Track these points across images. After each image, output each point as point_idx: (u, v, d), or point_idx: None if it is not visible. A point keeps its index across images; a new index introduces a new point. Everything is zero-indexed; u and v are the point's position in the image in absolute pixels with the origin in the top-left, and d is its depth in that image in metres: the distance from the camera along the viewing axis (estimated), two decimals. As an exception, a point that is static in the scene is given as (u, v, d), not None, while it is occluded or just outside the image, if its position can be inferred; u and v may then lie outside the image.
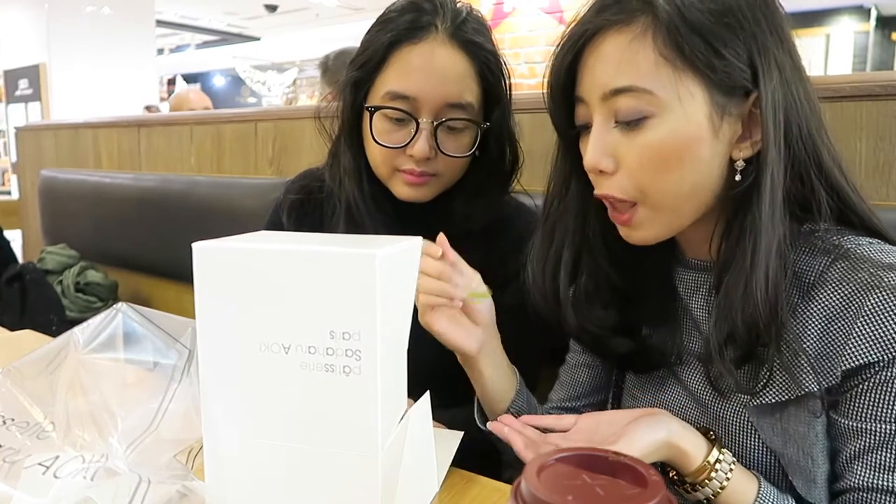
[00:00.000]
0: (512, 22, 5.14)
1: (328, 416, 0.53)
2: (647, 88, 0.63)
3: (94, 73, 6.14)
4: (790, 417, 0.66)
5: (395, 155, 0.93)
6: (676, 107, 0.63)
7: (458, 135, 0.94)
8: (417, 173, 0.93)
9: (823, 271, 0.65)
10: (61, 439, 0.55)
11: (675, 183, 0.66)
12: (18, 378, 0.57)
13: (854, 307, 0.62)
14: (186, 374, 0.57)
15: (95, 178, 2.27)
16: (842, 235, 0.66)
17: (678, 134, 0.64)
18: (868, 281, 0.62)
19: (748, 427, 0.69)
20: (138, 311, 0.58)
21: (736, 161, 0.66)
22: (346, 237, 0.59)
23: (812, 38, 7.54)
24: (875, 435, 0.62)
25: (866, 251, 0.64)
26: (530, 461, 0.39)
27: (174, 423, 0.55)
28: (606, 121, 0.67)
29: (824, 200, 0.65)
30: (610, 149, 0.67)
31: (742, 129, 0.66)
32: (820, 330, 0.64)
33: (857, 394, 0.63)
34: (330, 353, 0.52)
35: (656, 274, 0.78)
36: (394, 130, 0.93)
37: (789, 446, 0.66)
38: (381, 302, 0.51)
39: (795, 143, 0.64)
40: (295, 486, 0.55)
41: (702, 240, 0.71)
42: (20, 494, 0.52)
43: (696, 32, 0.62)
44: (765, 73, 0.63)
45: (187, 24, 9.72)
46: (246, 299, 0.53)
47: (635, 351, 0.78)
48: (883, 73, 1.03)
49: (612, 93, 0.65)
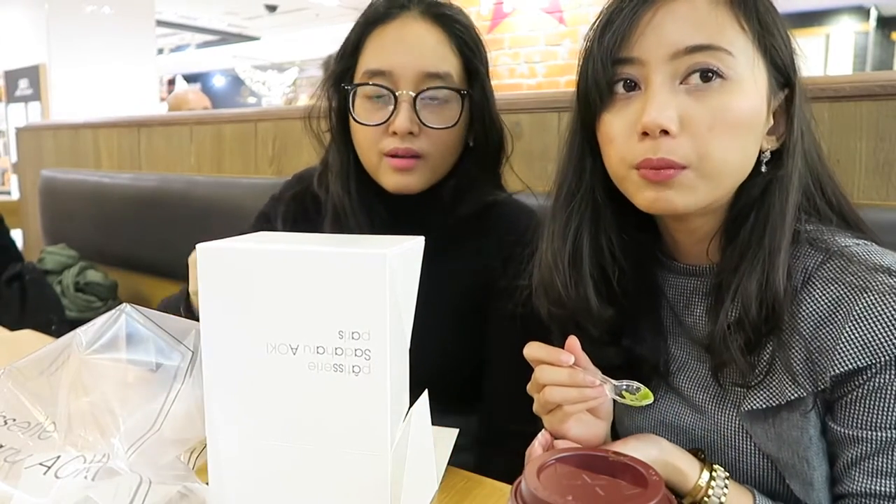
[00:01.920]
0: (512, 22, 5.13)
1: (337, 416, 0.53)
2: (727, 49, 0.63)
3: (94, 73, 6.14)
4: (782, 422, 0.66)
5: (379, 136, 0.91)
6: (749, 76, 0.64)
7: (439, 107, 0.91)
8: (402, 152, 0.90)
9: (813, 272, 0.65)
10: (62, 439, 0.55)
11: (735, 152, 0.64)
12: (20, 378, 0.57)
13: (843, 310, 0.62)
14: (189, 375, 0.57)
15: (95, 178, 2.27)
16: (832, 235, 0.66)
17: (749, 103, 0.64)
18: (857, 283, 0.62)
19: (743, 433, 0.69)
20: (142, 313, 0.58)
21: (763, 151, 0.67)
22: (350, 237, 0.59)
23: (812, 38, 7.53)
24: (872, 443, 0.62)
25: (855, 252, 0.64)
26: (530, 461, 0.39)
27: (176, 424, 0.55)
28: (671, 80, 0.64)
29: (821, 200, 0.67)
30: (676, 109, 0.63)
31: (773, 121, 0.67)
32: (809, 333, 0.64)
33: (851, 400, 0.62)
34: (339, 353, 0.52)
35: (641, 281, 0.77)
36: (375, 110, 0.91)
37: (784, 450, 0.66)
38: (391, 301, 0.51)
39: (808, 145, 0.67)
40: (301, 488, 0.55)
41: (698, 241, 0.71)
42: (21, 494, 0.52)
43: (769, 13, 0.65)
44: (797, 69, 0.66)
45: (187, 24, 9.72)
46: (252, 300, 0.53)
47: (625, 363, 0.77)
48: (883, 73, 1.03)
49: (688, 50, 0.62)
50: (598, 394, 0.66)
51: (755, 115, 0.64)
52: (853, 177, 0.98)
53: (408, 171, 0.91)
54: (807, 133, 0.67)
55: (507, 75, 5.00)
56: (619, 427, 0.84)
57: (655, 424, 0.77)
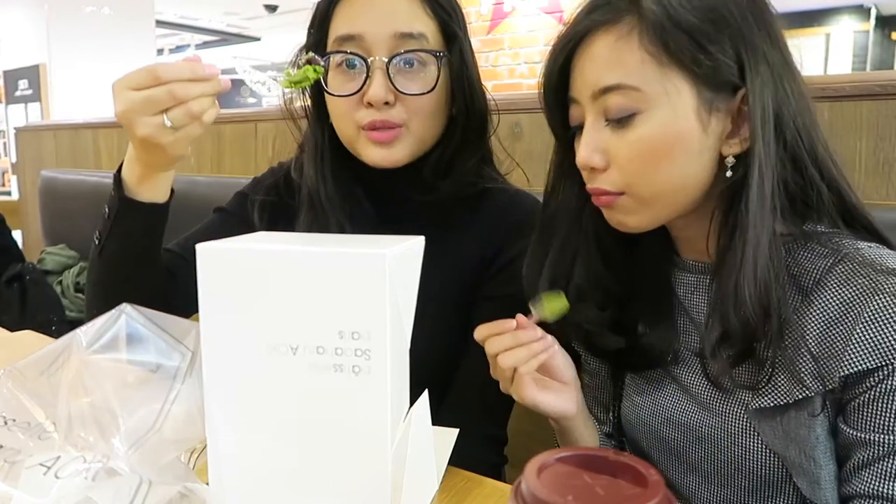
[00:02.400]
0: (512, 22, 5.13)
1: (337, 417, 0.53)
2: (634, 85, 0.65)
3: (94, 73, 6.14)
4: (790, 420, 0.66)
5: (354, 108, 0.85)
6: (664, 102, 0.65)
7: (415, 72, 0.85)
8: (380, 124, 0.84)
9: (823, 274, 0.65)
10: (63, 440, 0.55)
11: (664, 177, 0.67)
12: (20, 378, 0.57)
13: (854, 312, 0.62)
14: (189, 375, 0.57)
15: (95, 178, 2.27)
16: (843, 238, 0.66)
17: (667, 129, 0.65)
18: (868, 286, 0.62)
19: (750, 428, 0.69)
20: (142, 313, 0.58)
21: (726, 157, 0.67)
22: (350, 237, 0.59)
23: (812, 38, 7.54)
24: (883, 446, 0.62)
25: (867, 255, 0.64)
26: (530, 461, 0.39)
27: (176, 425, 0.55)
28: (598, 119, 0.68)
29: (824, 195, 0.66)
30: (601, 146, 0.68)
31: (731, 125, 0.66)
32: (819, 333, 0.64)
33: (863, 403, 0.63)
34: (339, 354, 0.52)
35: (652, 275, 0.78)
36: (348, 80, 0.85)
37: (791, 449, 0.66)
38: (391, 301, 0.51)
39: (791, 137, 0.65)
40: (302, 488, 0.55)
41: (698, 239, 0.72)
42: (21, 494, 0.52)
43: (680, 29, 0.63)
44: (752, 68, 0.64)
45: (187, 24, 9.71)
46: (252, 301, 0.53)
47: (629, 349, 0.78)
48: (883, 72, 1.03)
49: (602, 91, 0.66)
50: (544, 345, 0.70)
51: (679, 135, 0.65)
52: (853, 177, 0.98)
53: (389, 143, 0.86)
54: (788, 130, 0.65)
55: (507, 75, 5.01)
56: (626, 426, 0.84)
57: (662, 422, 0.77)
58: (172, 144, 0.74)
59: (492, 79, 5.06)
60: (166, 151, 0.76)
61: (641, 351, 0.78)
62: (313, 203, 0.92)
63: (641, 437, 0.81)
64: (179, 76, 0.70)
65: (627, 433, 0.84)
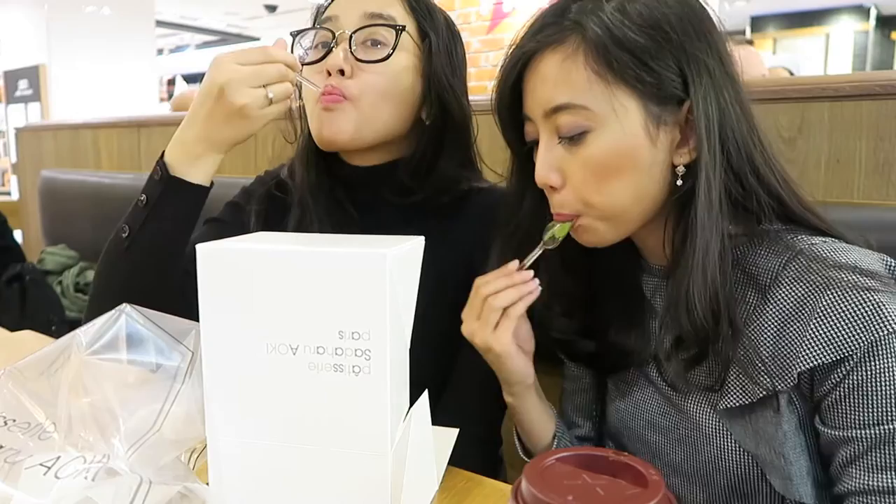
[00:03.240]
0: (511, 22, 5.13)
1: (337, 417, 0.53)
2: (582, 104, 0.66)
3: (94, 73, 6.15)
4: (758, 419, 0.67)
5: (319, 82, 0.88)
6: (612, 120, 0.66)
7: (376, 49, 0.89)
8: (330, 89, 0.86)
9: (779, 272, 0.66)
10: (63, 440, 0.55)
11: (618, 193, 0.68)
12: (20, 379, 0.57)
13: (808, 308, 0.63)
14: (189, 375, 0.57)
15: (95, 178, 2.27)
16: (796, 235, 0.67)
17: (617, 145, 0.66)
18: (820, 281, 0.63)
19: (722, 428, 0.70)
20: (141, 313, 0.58)
21: (677, 167, 0.68)
22: (350, 237, 0.59)
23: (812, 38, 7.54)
24: (863, 441, 0.62)
25: (820, 250, 0.65)
26: (530, 461, 0.39)
27: (176, 425, 0.55)
28: (551, 137, 0.69)
29: (763, 201, 0.67)
30: (556, 163, 0.69)
31: (680, 136, 0.68)
32: (776, 332, 0.65)
33: (834, 401, 0.63)
34: (339, 354, 0.52)
35: (620, 279, 0.79)
36: (317, 55, 0.90)
37: (761, 446, 0.67)
38: (391, 301, 0.51)
39: (731, 145, 0.66)
40: (302, 488, 0.55)
41: (658, 245, 0.73)
42: (21, 495, 0.52)
43: (623, 48, 0.65)
44: (695, 80, 0.65)
45: (187, 25, 9.72)
46: (252, 301, 0.53)
47: (600, 352, 0.80)
48: (883, 72, 1.03)
49: (552, 110, 0.68)
50: (532, 286, 0.73)
51: (629, 151, 0.66)
52: (853, 177, 0.98)
53: (333, 110, 0.87)
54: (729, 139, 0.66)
55: (507, 75, 5.01)
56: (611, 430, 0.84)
57: (643, 425, 0.78)
58: (259, 118, 0.80)
59: (492, 79, 5.03)
60: (250, 125, 0.81)
61: (615, 353, 0.79)
62: (301, 203, 0.95)
63: (625, 441, 0.82)
64: (287, 59, 0.80)
65: (613, 437, 0.85)
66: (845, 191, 0.99)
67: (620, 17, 0.65)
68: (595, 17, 0.66)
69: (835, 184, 1.00)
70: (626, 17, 0.65)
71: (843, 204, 0.98)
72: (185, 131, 0.84)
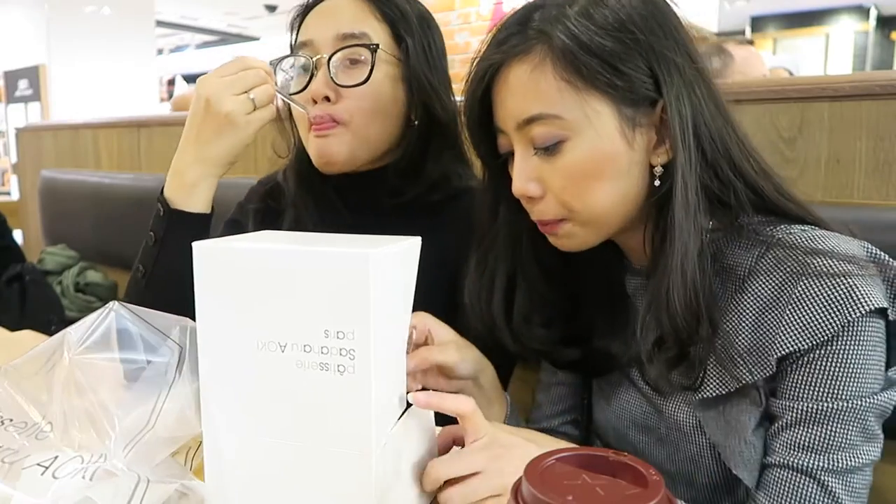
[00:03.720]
0: (512, 22, 5.14)
1: (323, 415, 0.53)
2: (554, 114, 0.65)
3: (94, 73, 6.15)
4: (732, 408, 0.67)
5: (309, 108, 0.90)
6: (587, 126, 0.65)
7: (355, 69, 0.89)
8: (318, 119, 0.88)
9: (756, 262, 0.66)
10: (59, 439, 0.55)
11: (600, 197, 0.68)
12: (16, 377, 0.57)
13: (784, 296, 0.63)
14: (180, 371, 0.57)
15: (95, 178, 2.27)
16: (775, 225, 0.67)
17: (594, 151, 0.66)
18: (795, 268, 0.63)
19: (698, 426, 0.70)
20: (129, 309, 0.58)
21: (655, 167, 0.67)
22: (348, 237, 0.59)
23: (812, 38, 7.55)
24: (793, 412, 0.63)
25: (797, 238, 0.65)
26: (531, 461, 0.39)
27: (170, 422, 0.55)
28: (526, 148, 0.69)
29: (742, 193, 0.66)
30: (534, 174, 0.68)
31: (656, 136, 0.67)
32: (754, 321, 0.65)
33: (785, 375, 0.64)
34: (325, 352, 0.52)
35: (604, 281, 0.79)
36: (300, 84, 0.91)
37: (731, 437, 0.67)
38: (375, 301, 0.51)
39: (706, 141, 0.65)
40: (292, 485, 0.55)
41: (640, 246, 0.72)
42: (20, 494, 0.52)
43: (591, 53, 0.64)
44: (666, 80, 0.65)
45: (187, 25, 9.73)
46: (244, 298, 0.53)
47: (584, 357, 0.79)
48: (883, 72, 1.03)
49: (524, 122, 0.67)
50: None
51: (607, 155, 0.66)
52: (853, 177, 0.98)
53: (327, 136, 0.89)
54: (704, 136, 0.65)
55: (507, 75, 5.01)
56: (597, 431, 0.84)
57: (628, 423, 0.78)
58: (246, 124, 0.82)
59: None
60: (239, 132, 0.83)
61: (599, 357, 0.79)
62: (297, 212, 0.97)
63: (611, 441, 0.82)
64: (264, 66, 0.83)
65: (600, 438, 0.85)
66: (845, 191, 0.99)
67: (585, 23, 0.64)
68: (560, 25, 0.64)
69: (835, 184, 1.00)
70: (592, 22, 0.64)
71: (842, 204, 0.98)
72: (179, 158, 0.87)
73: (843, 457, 0.62)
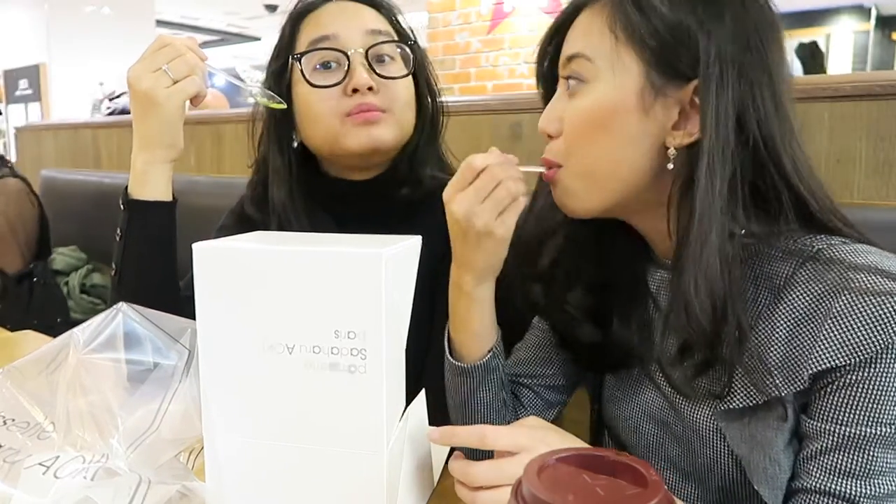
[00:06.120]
0: (512, 22, 5.13)
1: (332, 416, 0.53)
2: (587, 55, 0.67)
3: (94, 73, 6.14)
4: (758, 422, 0.65)
5: (338, 101, 0.90)
6: (609, 77, 0.66)
7: (390, 63, 0.93)
8: (367, 106, 0.89)
9: (793, 273, 0.64)
10: (61, 439, 0.55)
11: (596, 149, 0.68)
12: (19, 378, 0.57)
13: (822, 310, 0.61)
14: (186, 374, 0.57)
15: (95, 178, 2.27)
16: (814, 236, 0.65)
17: (603, 101, 0.66)
18: (837, 283, 0.61)
19: (718, 433, 0.68)
20: (138, 311, 0.58)
21: (668, 148, 0.66)
22: (347, 237, 0.59)
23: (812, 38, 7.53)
24: (833, 436, 0.61)
25: (838, 252, 0.63)
26: (531, 461, 0.39)
27: (174, 424, 0.55)
28: (562, 87, 0.71)
29: (786, 202, 0.65)
30: (558, 113, 0.70)
31: (679, 117, 0.66)
32: (788, 333, 0.63)
33: (823, 395, 0.62)
34: (335, 353, 0.52)
35: (627, 269, 0.78)
36: (328, 76, 0.91)
37: (755, 452, 0.65)
38: (387, 300, 0.51)
39: (753, 136, 0.63)
40: (297, 487, 0.55)
41: (663, 237, 0.71)
42: (20, 494, 0.52)
43: (643, 12, 0.64)
44: (711, 64, 0.63)
45: (187, 24, 9.72)
46: (248, 300, 0.53)
47: (600, 345, 0.78)
48: (883, 72, 1.03)
49: (567, 59, 0.69)
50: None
51: (615, 110, 0.66)
52: (853, 177, 0.98)
53: (375, 123, 0.90)
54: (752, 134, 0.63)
55: (507, 75, 5.00)
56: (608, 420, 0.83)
57: (640, 415, 0.77)
58: (167, 98, 0.83)
59: (492, 79, 5.06)
60: (161, 110, 0.83)
61: (610, 349, 0.77)
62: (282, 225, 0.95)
63: (621, 433, 0.81)
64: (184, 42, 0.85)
65: (610, 428, 0.84)
66: (845, 191, 0.99)
67: None
68: None
69: (835, 184, 0.99)
70: None
71: (843, 204, 0.96)
72: (133, 152, 0.89)
73: (884, 482, 0.60)
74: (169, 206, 0.90)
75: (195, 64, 0.84)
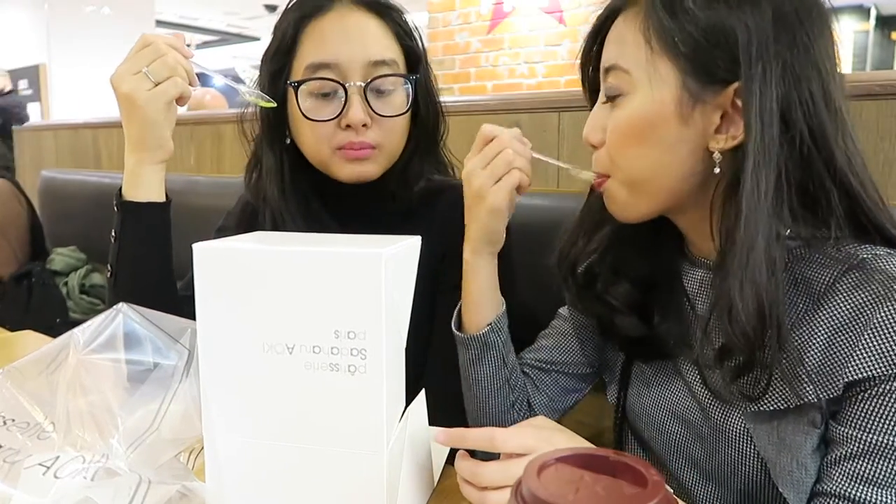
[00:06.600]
0: (512, 22, 5.13)
1: (333, 416, 0.53)
2: (624, 67, 0.67)
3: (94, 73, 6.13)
4: (788, 426, 0.65)
5: (331, 132, 0.89)
6: (646, 88, 0.66)
7: (389, 96, 0.91)
8: (357, 145, 0.89)
9: (835, 280, 0.63)
10: (61, 439, 0.55)
11: (638, 160, 0.68)
12: (19, 378, 0.57)
13: (863, 319, 0.60)
14: (186, 374, 0.57)
15: (95, 178, 2.27)
16: (858, 244, 0.64)
17: (642, 113, 0.66)
18: (880, 292, 0.60)
19: (745, 435, 0.68)
20: (138, 312, 0.58)
21: (713, 153, 0.66)
22: (346, 237, 0.59)
23: (812, 38, 7.51)
24: (860, 443, 0.61)
25: (883, 262, 0.62)
26: (531, 461, 0.39)
27: (174, 424, 0.55)
28: (602, 96, 0.71)
29: (835, 204, 0.63)
30: (600, 123, 0.71)
31: (721, 121, 0.65)
32: (826, 340, 0.62)
33: (854, 402, 0.62)
34: (335, 353, 0.52)
35: (667, 267, 0.78)
36: (323, 106, 0.89)
37: (783, 455, 0.65)
38: (387, 300, 0.51)
39: (802, 140, 0.62)
40: (297, 487, 0.55)
41: (704, 237, 0.70)
42: (20, 494, 0.52)
43: (676, 17, 0.63)
44: (753, 63, 0.61)
45: (187, 24, 9.72)
46: (248, 300, 0.53)
47: (642, 337, 0.78)
48: (883, 72, 1.03)
49: (605, 70, 0.70)
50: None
51: (652, 120, 0.66)
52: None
53: (364, 160, 0.90)
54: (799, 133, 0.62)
55: (507, 75, 5.00)
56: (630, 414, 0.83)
57: (666, 414, 0.77)
58: (148, 101, 0.81)
59: (492, 79, 5.06)
60: (143, 112, 0.82)
61: (652, 341, 0.78)
62: (276, 221, 0.95)
63: (643, 428, 0.81)
64: (164, 39, 0.83)
65: (630, 422, 0.83)
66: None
67: None
68: None
69: (835, 184, 0.99)
70: None
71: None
72: (125, 154, 0.88)
73: None
74: (162, 206, 0.89)
75: (176, 65, 0.82)
